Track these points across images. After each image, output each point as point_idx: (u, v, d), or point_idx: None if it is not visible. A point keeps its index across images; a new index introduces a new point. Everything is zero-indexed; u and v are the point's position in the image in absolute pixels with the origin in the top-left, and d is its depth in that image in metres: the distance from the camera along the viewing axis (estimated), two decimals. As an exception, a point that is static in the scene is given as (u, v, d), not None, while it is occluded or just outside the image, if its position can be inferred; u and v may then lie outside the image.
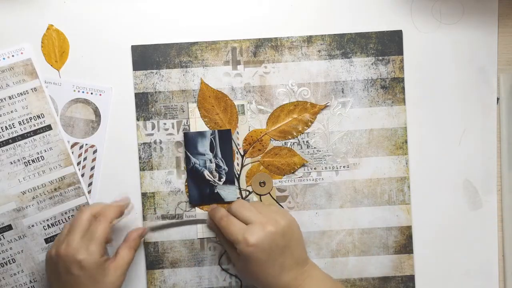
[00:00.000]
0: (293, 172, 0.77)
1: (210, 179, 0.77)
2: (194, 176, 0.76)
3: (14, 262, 0.76)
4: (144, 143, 0.77)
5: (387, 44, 0.77)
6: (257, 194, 0.77)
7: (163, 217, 0.77)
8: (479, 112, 0.78)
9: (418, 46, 0.77)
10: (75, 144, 0.76)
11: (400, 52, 0.77)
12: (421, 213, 0.77)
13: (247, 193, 0.77)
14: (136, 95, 0.77)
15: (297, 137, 0.77)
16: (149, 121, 0.77)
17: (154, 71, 0.76)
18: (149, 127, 0.77)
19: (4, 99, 0.75)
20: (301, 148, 0.77)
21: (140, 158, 0.77)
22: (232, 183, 0.77)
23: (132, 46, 0.76)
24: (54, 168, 0.76)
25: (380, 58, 0.77)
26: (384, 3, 0.77)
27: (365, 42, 0.77)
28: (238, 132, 0.77)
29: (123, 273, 0.70)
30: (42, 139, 0.76)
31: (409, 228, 0.77)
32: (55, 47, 0.76)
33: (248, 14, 0.77)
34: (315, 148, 0.77)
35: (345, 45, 0.77)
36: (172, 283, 0.77)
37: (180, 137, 0.77)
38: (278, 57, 0.77)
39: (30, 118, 0.76)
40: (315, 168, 0.77)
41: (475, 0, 0.77)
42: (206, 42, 0.77)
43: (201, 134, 0.76)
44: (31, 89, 0.76)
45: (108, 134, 0.77)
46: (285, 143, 0.77)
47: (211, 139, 0.76)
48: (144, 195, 0.77)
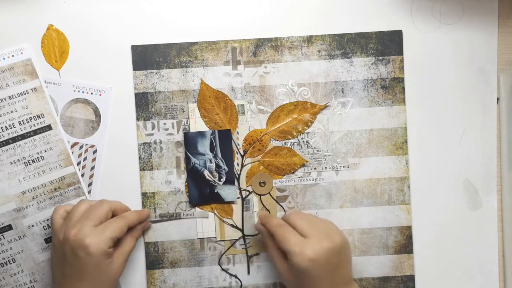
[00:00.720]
0: (293, 172, 0.77)
1: (210, 179, 0.76)
2: (194, 176, 0.76)
3: (14, 262, 0.76)
4: (144, 143, 0.77)
5: (387, 44, 0.77)
6: (257, 194, 0.77)
7: (161, 216, 0.77)
8: (479, 112, 0.77)
9: (418, 46, 0.77)
10: (75, 144, 0.76)
11: (400, 52, 0.77)
12: (421, 213, 0.77)
13: (247, 193, 0.77)
14: (136, 95, 0.77)
15: (297, 137, 0.77)
16: (149, 121, 0.77)
17: (154, 71, 0.76)
18: (149, 127, 0.77)
19: (4, 99, 0.75)
20: (301, 148, 0.77)
21: (140, 158, 0.77)
22: (232, 183, 0.77)
23: (132, 46, 0.76)
24: (54, 168, 0.76)
25: (380, 58, 0.77)
26: (384, 3, 0.77)
27: (365, 42, 0.77)
28: (238, 132, 0.77)
29: (125, 260, 0.71)
30: (42, 139, 0.76)
31: (409, 228, 0.77)
32: (55, 47, 0.76)
33: (248, 14, 0.77)
34: (315, 148, 0.77)
35: (345, 45, 0.77)
36: (172, 283, 0.77)
37: (180, 137, 0.77)
38: (278, 57, 0.77)
39: (30, 118, 0.76)
40: (315, 168, 0.77)
41: (475, 0, 0.77)
42: (206, 42, 0.77)
43: (201, 134, 0.76)
44: (31, 89, 0.76)
45: (108, 134, 0.77)
46: (285, 143, 0.77)
47: (211, 139, 0.76)
48: (144, 195, 0.77)
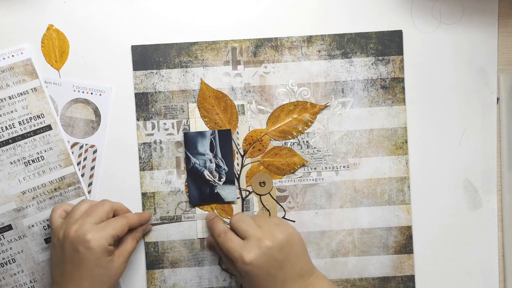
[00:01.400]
0: (293, 172, 0.77)
1: (210, 179, 0.76)
2: (194, 176, 0.76)
3: (14, 262, 0.76)
4: (144, 143, 0.77)
5: (387, 44, 0.77)
6: (257, 194, 0.77)
7: (161, 218, 0.77)
8: (479, 112, 0.77)
9: (418, 46, 0.77)
10: (75, 144, 0.76)
11: (400, 52, 0.77)
12: (421, 213, 0.77)
13: (247, 193, 0.77)
14: (136, 95, 0.77)
15: (297, 137, 0.77)
16: (149, 121, 0.77)
17: (154, 71, 0.76)
18: (149, 127, 0.77)
19: (4, 99, 0.75)
20: (301, 148, 0.77)
21: (140, 158, 0.77)
22: (232, 183, 0.77)
23: (132, 46, 0.76)
24: (54, 168, 0.76)
25: (380, 58, 0.77)
26: (384, 3, 0.77)
27: (365, 42, 0.77)
28: (238, 132, 0.77)
29: (125, 260, 0.71)
30: (42, 139, 0.76)
31: (409, 228, 0.77)
32: (55, 47, 0.76)
33: (248, 14, 0.77)
34: (315, 148, 0.77)
35: (345, 45, 0.77)
36: (172, 283, 0.77)
37: (180, 137, 0.77)
38: (278, 57, 0.77)
39: (30, 118, 0.76)
40: (315, 168, 0.77)
41: (475, 0, 0.77)
42: (206, 42, 0.77)
43: (201, 134, 0.76)
44: (31, 89, 0.76)
45: (108, 134, 0.77)
46: (285, 143, 0.77)
47: (211, 139, 0.76)
48: (144, 195, 0.77)
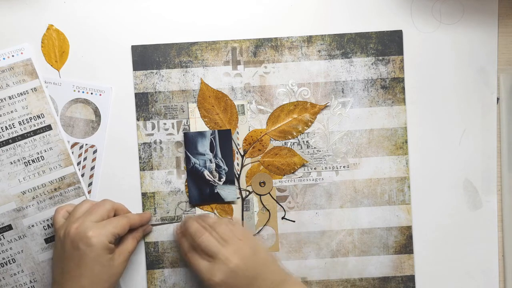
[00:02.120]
0: (293, 172, 0.77)
1: (210, 179, 0.76)
2: (194, 176, 0.76)
3: (14, 262, 0.76)
4: (144, 143, 0.77)
5: (387, 44, 0.77)
6: (257, 194, 0.77)
7: (162, 219, 0.77)
8: (479, 112, 0.77)
9: (418, 46, 0.77)
10: (75, 144, 0.76)
11: (400, 52, 0.77)
12: (421, 213, 0.77)
13: (247, 193, 0.77)
14: (136, 95, 0.77)
15: (297, 137, 0.77)
16: (149, 121, 0.77)
17: (154, 71, 0.76)
18: (149, 127, 0.77)
19: (4, 99, 0.75)
20: (301, 148, 0.77)
21: (140, 158, 0.77)
22: (232, 183, 0.77)
23: (132, 46, 0.76)
24: (54, 168, 0.76)
25: (380, 58, 0.77)
26: (384, 3, 0.77)
27: (365, 42, 0.77)
28: (238, 132, 0.77)
29: (125, 259, 0.71)
30: (42, 139, 0.76)
31: (409, 228, 0.77)
32: (55, 47, 0.76)
33: (248, 14, 0.77)
34: (315, 148, 0.77)
35: (345, 45, 0.77)
36: (172, 283, 0.77)
37: (180, 137, 0.77)
38: (278, 57, 0.77)
39: (30, 118, 0.76)
40: (315, 168, 0.77)
41: (475, 0, 0.77)
42: (206, 42, 0.77)
43: (201, 134, 0.76)
44: (31, 89, 0.76)
45: (108, 134, 0.77)
46: (285, 143, 0.77)
47: (211, 139, 0.76)
48: (144, 195, 0.77)
